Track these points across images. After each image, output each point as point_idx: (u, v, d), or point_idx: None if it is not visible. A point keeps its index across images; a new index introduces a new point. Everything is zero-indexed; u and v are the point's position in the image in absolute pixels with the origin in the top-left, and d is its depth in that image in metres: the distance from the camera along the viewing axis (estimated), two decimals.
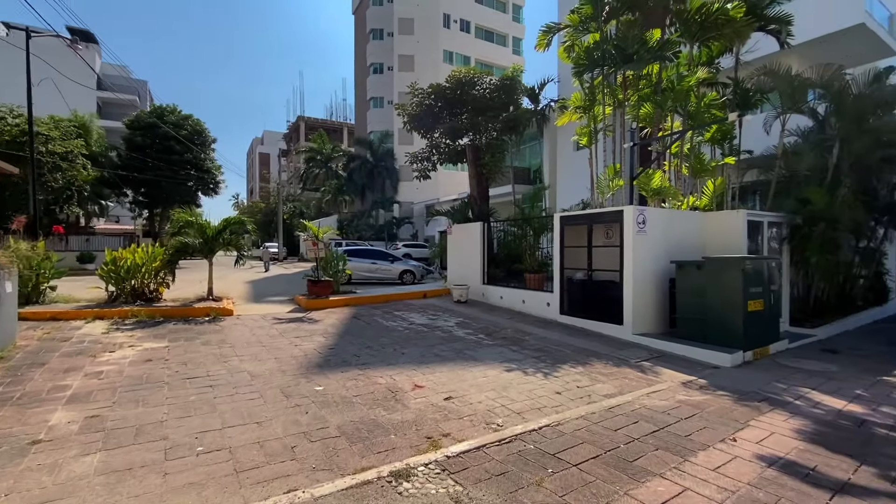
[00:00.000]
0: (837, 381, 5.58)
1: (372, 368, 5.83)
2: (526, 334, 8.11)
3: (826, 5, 13.07)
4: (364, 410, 4.39)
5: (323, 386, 5.12)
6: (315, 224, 12.33)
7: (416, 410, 4.42)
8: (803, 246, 9.17)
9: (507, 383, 5.28)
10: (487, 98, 13.72)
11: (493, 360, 6.30)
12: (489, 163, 13.23)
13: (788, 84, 9.17)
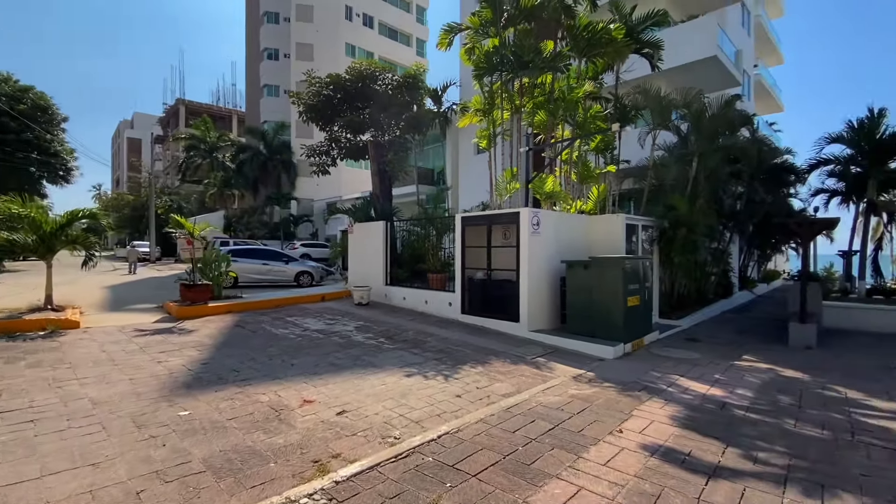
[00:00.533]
0: (700, 367, 6.29)
1: (254, 384, 5.14)
2: (428, 336, 7.94)
3: (687, 38, 15.07)
4: (239, 436, 3.78)
5: (189, 410, 4.35)
6: (192, 221, 10.82)
7: (304, 430, 3.93)
8: (669, 247, 10.37)
9: (407, 390, 5.01)
10: (390, 94, 13.36)
11: (392, 366, 5.98)
12: (392, 161, 12.90)
13: (658, 103, 10.32)
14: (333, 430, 3.93)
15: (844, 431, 3.97)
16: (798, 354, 7.38)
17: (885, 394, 5.18)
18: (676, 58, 14.82)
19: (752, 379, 5.74)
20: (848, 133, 12.65)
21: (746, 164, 12.07)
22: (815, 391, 5.25)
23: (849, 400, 4.94)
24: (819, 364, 6.65)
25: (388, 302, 11.42)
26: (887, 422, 4.26)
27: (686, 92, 10.40)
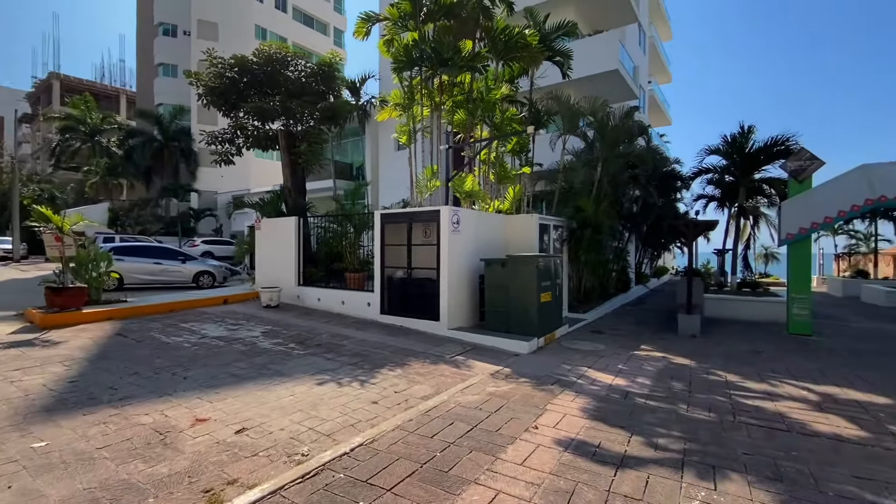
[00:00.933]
0: (606, 358, 6.70)
1: (135, 404, 4.43)
2: (344, 339, 7.55)
3: (593, 50, 16.17)
4: (111, 468, 3.19)
5: (47, 440, 3.60)
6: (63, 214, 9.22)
7: (194, 455, 3.43)
8: (577, 246, 11.01)
9: (319, 399, 4.65)
10: (303, 82, 12.58)
11: (303, 373, 5.54)
12: (305, 152, 12.14)
13: (568, 110, 10.90)
14: (231, 452, 3.48)
15: (728, 413, 4.42)
16: (686, 342, 8.21)
17: (756, 375, 5.91)
18: (584, 68, 15.84)
19: (650, 367, 6.22)
20: (723, 146, 14.44)
21: (643, 170, 13.23)
22: (702, 376, 5.83)
23: (729, 383, 5.54)
24: (703, 351, 7.44)
25: (300, 304, 10.73)
26: (760, 401, 4.82)
27: (593, 101, 11.12)
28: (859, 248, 27.22)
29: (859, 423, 4.18)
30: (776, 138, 13.18)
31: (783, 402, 4.82)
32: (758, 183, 14.63)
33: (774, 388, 5.36)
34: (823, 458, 3.42)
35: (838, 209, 9.23)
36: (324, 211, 13.71)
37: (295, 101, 12.12)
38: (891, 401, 4.91)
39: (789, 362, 6.69)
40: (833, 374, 6.04)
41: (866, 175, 9.01)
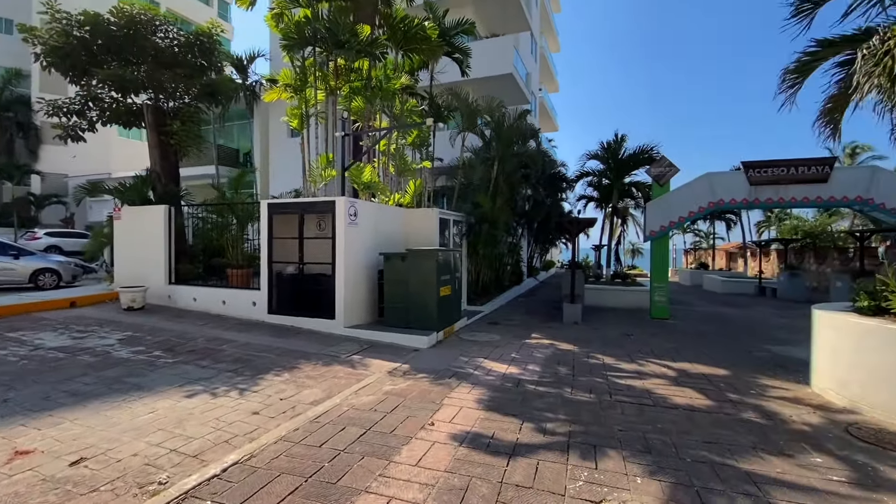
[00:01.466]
0: (501, 349, 6.92)
1: None
2: (224, 343, 6.75)
3: (491, 52, 16.73)
4: None
5: None
6: None
7: (9, 499, 2.69)
8: (476, 240, 11.31)
9: (187, 414, 4.02)
10: (176, 52, 11.00)
11: (169, 385, 4.79)
12: (178, 132, 10.64)
13: (467, 107, 11.11)
14: (62, 490, 2.81)
15: (605, 393, 4.80)
16: (570, 329, 8.89)
17: (627, 357, 6.57)
18: (482, 69, 16.32)
19: (539, 355, 6.58)
20: (601, 152, 16.03)
21: (534, 170, 14.08)
22: (583, 360, 6.31)
23: (605, 365, 6.07)
24: (584, 337, 8.11)
25: (172, 304, 9.41)
26: (631, 380, 5.34)
27: (490, 101, 11.48)
28: (701, 244, 32.46)
29: (706, 394, 4.84)
30: (643, 147, 14.98)
31: (649, 379, 5.40)
32: (628, 186, 16.53)
33: (642, 367, 6.00)
34: (681, 427, 3.86)
35: (689, 210, 10.75)
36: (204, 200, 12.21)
37: (166, 72, 10.55)
38: (728, 372, 5.79)
39: (653, 343, 7.59)
40: (686, 352, 6.98)
41: (710, 181, 10.62)
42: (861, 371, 4.39)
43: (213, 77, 11.62)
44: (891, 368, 4.11)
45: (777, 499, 2.73)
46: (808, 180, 9.92)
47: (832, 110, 6.11)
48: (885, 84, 4.25)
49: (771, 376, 5.63)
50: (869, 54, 4.49)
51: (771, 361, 6.43)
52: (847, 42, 5.45)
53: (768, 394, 4.92)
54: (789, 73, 5.95)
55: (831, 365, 4.81)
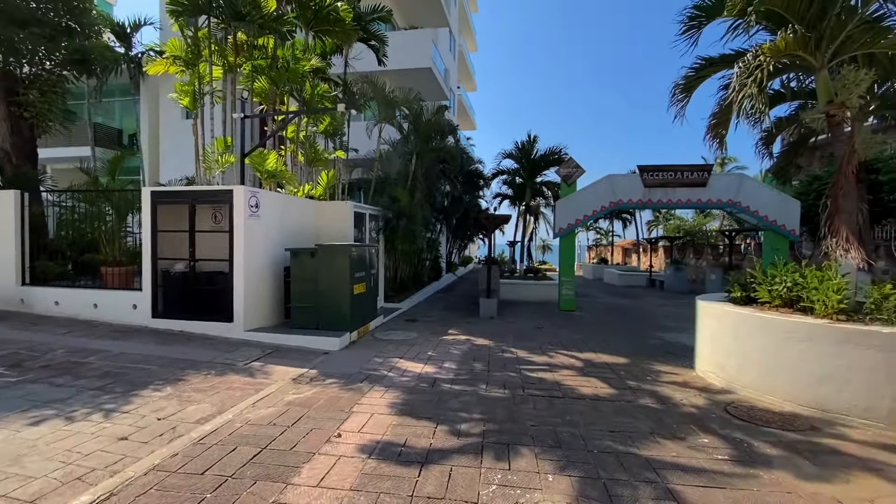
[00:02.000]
0: (417, 347, 6.74)
1: None
2: (91, 354, 5.72)
3: (409, 44, 16.44)
4: None
5: None
6: None
7: None
8: (393, 235, 11.02)
9: (28, 448, 3.25)
10: (34, 7, 9.15)
11: (6, 412, 3.88)
12: (36, 103, 8.88)
13: (384, 96, 10.73)
14: None
15: (518, 388, 4.84)
16: (486, 324, 9.00)
17: (539, 349, 6.77)
18: (400, 61, 15.98)
19: (456, 351, 6.51)
20: (515, 151, 16.59)
21: (452, 166, 14.12)
22: (498, 355, 6.36)
23: (519, 359, 6.17)
24: (499, 331, 8.25)
25: (26, 310, 7.87)
26: (543, 373, 5.47)
27: (407, 92, 11.20)
28: (602, 241, 35.38)
29: (609, 383, 5.11)
30: (552, 148, 15.76)
31: (559, 371, 5.58)
32: (540, 185, 17.32)
33: (552, 359, 6.21)
34: (588, 418, 3.98)
35: (593, 209, 11.49)
36: (71, 185, 10.37)
37: (20, 31, 8.72)
38: (627, 360, 6.20)
39: (562, 335, 7.94)
40: (591, 342, 7.39)
41: (611, 183, 11.44)
42: (736, 355, 4.91)
43: (83, 42, 9.87)
44: (759, 352, 4.63)
45: (674, 483, 2.87)
46: (692, 184, 11.11)
47: (717, 125, 6.80)
48: (755, 92, 4.78)
49: (662, 362, 6.13)
50: (744, 67, 5.03)
51: (662, 348, 7.04)
52: (725, 62, 6.11)
53: (661, 379, 5.32)
54: (678, 87, 6.53)
55: (712, 350, 5.33)
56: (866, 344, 3.89)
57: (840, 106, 5.34)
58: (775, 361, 4.47)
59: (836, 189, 5.17)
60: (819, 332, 4.16)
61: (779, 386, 4.44)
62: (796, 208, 11.25)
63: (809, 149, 9.95)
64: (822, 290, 4.50)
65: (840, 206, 5.11)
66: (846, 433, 3.72)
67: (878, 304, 4.36)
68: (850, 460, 3.22)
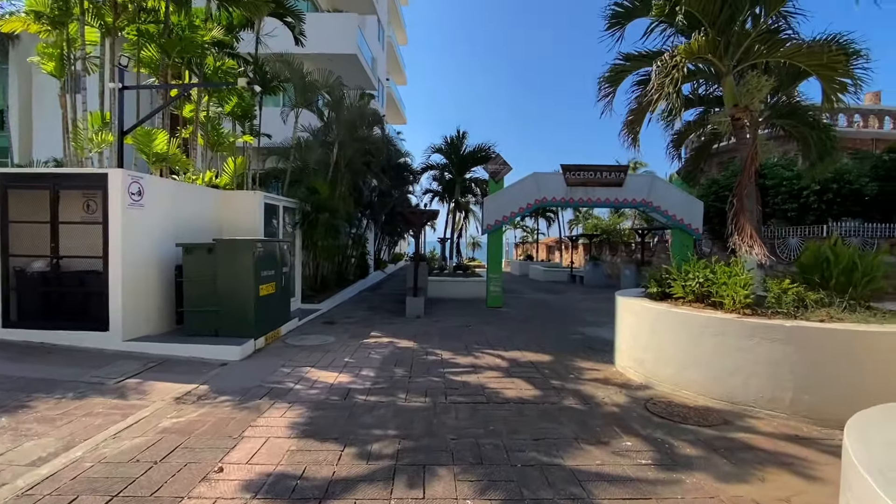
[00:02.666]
0: (333, 353, 6.14)
1: None
2: None
3: (333, 28, 15.50)
4: None
5: None
6: None
7: None
8: (312, 230, 10.20)
9: None
10: None
11: None
12: None
13: (301, 79, 9.85)
14: None
15: (441, 394, 4.48)
16: (412, 324, 8.59)
17: (465, 349, 6.49)
18: (323, 45, 15.00)
19: (376, 356, 6.02)
20: (444, 146, 16.35)
21: (378, 158, 13.49)
22: (422, 358, 5.98)
23: (443, 361, 5.83)
24: (425, 331, 7.87)
25: None
26: (467, 376, 5.17)
27: (327, 75, 10.40)
28: (528, 238, 36.59)
29: (534, 383, 4.93)
30: (481, 145, 15.73)
31: (484, 373, 5.32)
32: (468, 182, 17.25)
33: (477, 359, 5.95)
34: (512, 425, 3.72)
35: (519, 206, 11.53)
36: None
37: None
38: (551, 357, 6.12)
39: (488, 333, 7.76)
40: (516, 339, 7.27)
41: (536, 180, 11.55)
42: (653, 350, 4.96)
43: None
44: (675, 347, 4.70)
45: (600, 498, 2.66)
46: (610, 184, 11.56)
47: (633, 122, 6.96)
48: (671, 91, 4.86)
49: (584, 358, 6.13)
50: (662, 66, 5.10)
51: (583, 343, 7.10)
52: (645, 59, 6.24)
53: (584, 377, 5.26)
54: (604, 81, 6.59)
55: (630, 346, 5.38)
56: (771, 337, 4.03)
57: (744, 109, 5.63)
58: (690, 356, 4.55)
59: (741, 189, 5.45)
60: (729, 326, 4.27)
61: (693, 380, 4.52)
62: (700, 208, 12.17)
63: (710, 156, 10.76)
64: (730, 285, 4.66)
65: (745, 205, 5.39)
66: (755, 425, 3.81)
67: (778, 298, 4.60)
68: (762, 456, 3.25)
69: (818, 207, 13.18)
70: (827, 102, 5.77)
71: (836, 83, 5.63)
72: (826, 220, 13.18)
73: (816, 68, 5.63)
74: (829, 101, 5.72)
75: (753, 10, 5.51)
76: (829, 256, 5.16)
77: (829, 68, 5.55)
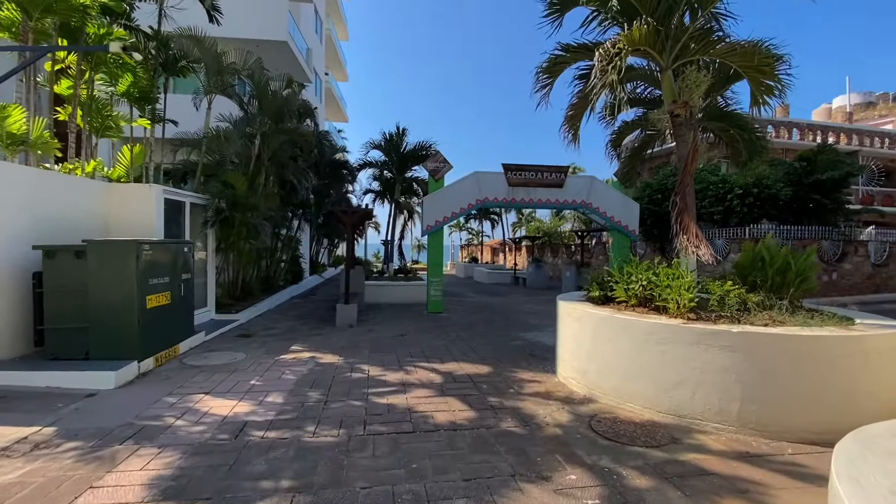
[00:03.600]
0: (239, 374, 5.23)
1: None
2: None
3: (261, 12, 14.21)
4: None
5: None
6: None
7: None
8: (228, 230, 9.09)
9: None
10: None
11: None
12: None
13: (215, 60, 8.71)
14: None
15: (359, 423, 3.78)
16: (342, 334, 7.78)
17: (396, 363, 5.82)
18: (250, 30, 13.77)
19: (291, 376, 5.19)
20: (383, 143, 15.57)
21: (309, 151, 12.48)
22: (345, 376, 5.23)
23: (370, 379, 5.12)
24: (355, 342, 7.11)
25: None
26: (394, 396, 4.50)
27: (246, 57, 9.30)
28: (473, 240, 36.56)
29: (469, 403, 4.36)
30: (422, 143, 15.13)
31: (414, 391, 4.68)
32: (409, 181, 16.58)
33: (409, 375, 5.30)
34: (440, 463, 3.11)
35: (461, 206, 11.04)
36: None
37: None
38: (490, 369, 5.61)
39: (425, 343, 7.14)
40: (455, 349, 6.71)
41: (477, 180, 11.13)
42: (597, 359, 4.57)
43: None
44: (619, 355, 4.33)
45: None
46: (551, 184, 11.39)
47: (573, 118, 6.66)
48: (615, 79, 4.52)
49: (525, 368, 5.69)
50: (604, 53, 4.76)
51: (525, 350, 6.68)
52: (584, 50, 5.94)
53: (524, 390, 4.78)
54: (542, 72, 6.21)
55: (573, 354, 4.97)
56: (718, 345, 3.74)
57: (683, 104, 5.46)
58: (635, 366, 4.19)
59: (683, 187, 5.25)
60: (675, 333, 3.95)
61: (639, 392, 4.16)
62: (636, 210, 12.35)
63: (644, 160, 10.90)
64: (674, 288, 4.37)
65: (688, 204, 5.19)
66: (705, 443, 3.48)
67: (720, 301, 4.37)
68: (716, 482, 2.88)
69: (741, 210, 13.90)
70: (755, 104, 5.76)
71: (763, 85, 5.63)
72: (748, 222, 13.93)
73: (747, 70, 5.59)
74: (757, 103, 5.71)
75: (691, 4, 5.35)
76: (765, 256, 5.07)
77: (758, 70, 5.52)
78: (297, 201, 13.43)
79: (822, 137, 21.50)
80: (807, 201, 14.32)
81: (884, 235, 15.59)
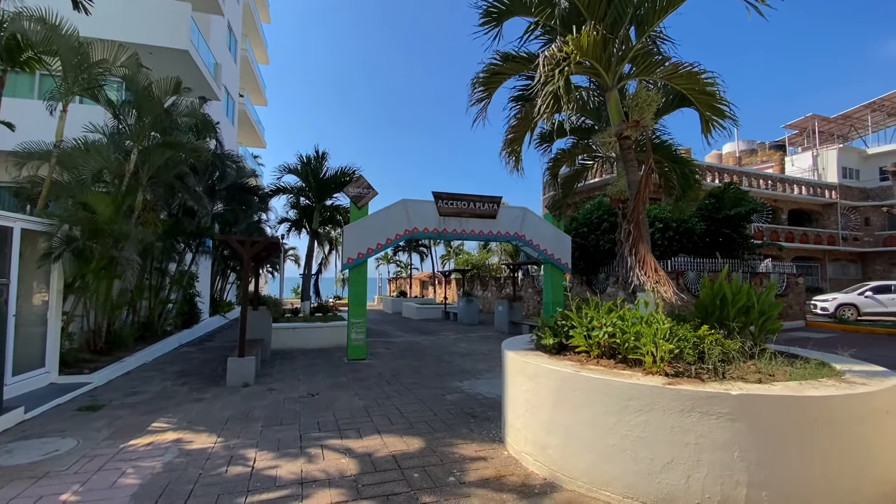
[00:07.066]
0: (49, 478, 3.47)
1: None
2: None
3: (158, 15, 12.42)
4: None
5: None
6: None
7: None
8: (87, 265, 7.08)
9: None
10: None
11: None
12: None
13: (74, 51, 6.92)
14: None
15: None
16: (230, 398, 6.09)
17: (295, 442, 4.37)
18: (142, 33, 11.88)
19: (132, 479, 3.55)
20: (300, 167, 14.07)
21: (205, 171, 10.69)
22: (216, 473, 3.69)
23: (251, 475, 3.64)
24: (245, 411, 5.49)
25: None
26: None
27: (117, 51, 7.56)
28: (402, 273, 35.29)
29: None
30: (344, 168, 13.90)
31: (313, 496, 3.31)
32: (330, 210, 15.13)
33: (311, 464, 3.90)
34: None
35: (387, 237, 9.88)
36: None
37: None
38: (421, 443, 4.38)
39: (340, 405, 5.73)
40: (377, 412, 5.39)
41: (406, 208, 10.10)
42: (559, 431, 3.57)
43: None
44: (588, 428, 3.36)
45: None
46: (483, 215, 10.70)
47: (513, 141, 5.99)
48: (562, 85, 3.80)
49: (466, 437, 4.54)
50: (550, 58, 4.06)
51: (463, 407, 5.55)
52: (524, 61, 5.29)
53: (468, 477, 3.62)
54: (478, 83, 5.45)
55: (527, 422, 3.93)
56: (714, 412, 2.91)
57: (634, 124, 4.93)
58: (611, 440, 3.23)
59: (636, 214, 4.62)
60: (659, 398, 3.07)
61: (617, 476, 3.19)
62: (568, 243, 12.06)
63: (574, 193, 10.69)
64: (647, 336, 3.56)
65: (642, 233, 4.54)
66: None
67: (696, 349, 3.63)
68: None
69: (662, 244, 14.29)
70: (706, 131, 5.44)
71: (711, 109, 5.33)
72: (669, 255, 14.33)
73: (694, 93, 5.27)
74: (709, 129, 5.40)
75: (637, 19, 4.92)
76: (727, 294, 4.52)
77: (706, 94, 5.22)
78: (191, 230, 11.39)
79: (720, 178, 23.73)
80: (717, 235, 15.17)
81: (780, 268, 17.00)
